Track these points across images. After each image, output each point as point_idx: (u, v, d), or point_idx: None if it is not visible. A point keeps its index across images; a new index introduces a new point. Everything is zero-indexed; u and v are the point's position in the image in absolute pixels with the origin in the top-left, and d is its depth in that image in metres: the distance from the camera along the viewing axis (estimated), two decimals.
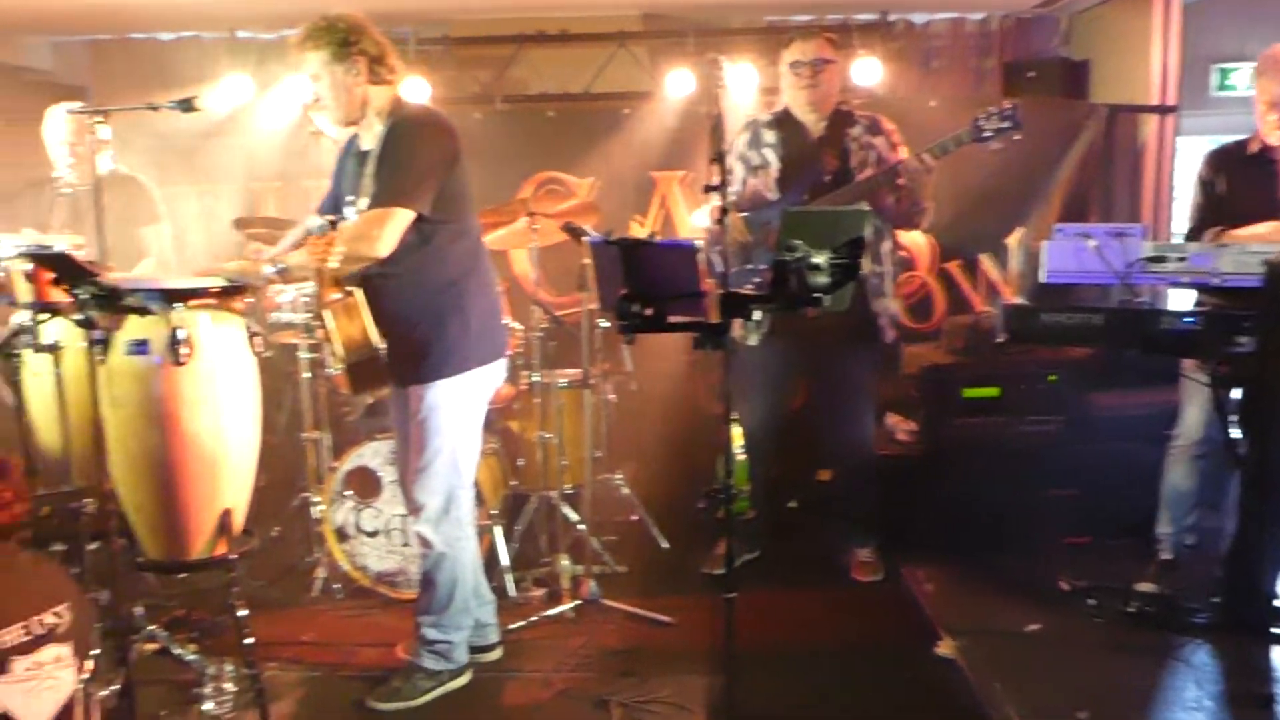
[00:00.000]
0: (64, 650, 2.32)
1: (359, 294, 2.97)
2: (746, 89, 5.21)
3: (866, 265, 3.86)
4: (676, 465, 4.91)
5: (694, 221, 5.36)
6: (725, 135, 2.28)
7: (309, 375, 4.23)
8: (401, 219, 2.94)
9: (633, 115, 5.47)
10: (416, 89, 5.22)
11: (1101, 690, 3.16)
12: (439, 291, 3.11)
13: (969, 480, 4.19)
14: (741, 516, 2.42)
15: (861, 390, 4.10)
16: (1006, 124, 3.67)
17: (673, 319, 2.26)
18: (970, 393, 4.41)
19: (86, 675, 2.50)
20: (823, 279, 2.17)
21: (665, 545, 4.53)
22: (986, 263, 5.42)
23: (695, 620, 3.73)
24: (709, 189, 2.21)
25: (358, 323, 2.96)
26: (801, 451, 4.43)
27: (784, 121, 4.01)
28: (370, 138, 3.12)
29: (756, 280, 3.73)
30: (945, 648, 3.48)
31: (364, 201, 3.06)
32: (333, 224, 2.87)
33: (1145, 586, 3.72)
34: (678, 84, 5.29)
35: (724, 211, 2.20)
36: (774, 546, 4.32)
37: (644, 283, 2.18)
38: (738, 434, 3.61)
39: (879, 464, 4.23)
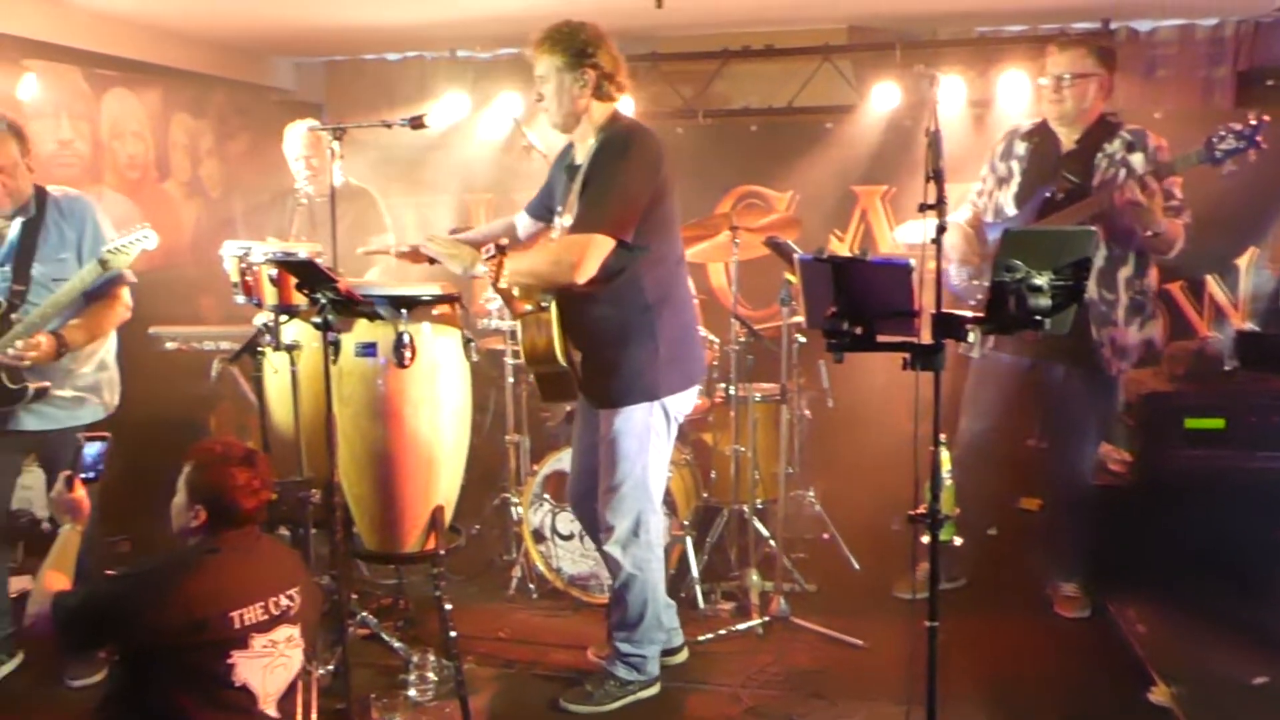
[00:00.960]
0: (295, 631, 2.49)
1: (553, 309, 3.04)
2: (955, 103, 5.06)
3: (1093, 290, 3.65)
4: (870, 485, 4.81)
5: (897, 237, 5.25)
6: (942, 151, 2.22)
7: (512, 380, 4.41)
8: (602, 247, 2.96)
9: (835, 129, 5.41)
10: (621, 104, 5.34)
11: None
12: (633, 316, 3.11)
13: (1188, 516, 3.90)
14: (948, 543, 2.33)
15: (1080, 420, 3.90)
16: (1243, 144, 3.38)
17: (882, 338, 2.22)
18: (1193, 423, 4.11)
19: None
20: (1043, 301, 2.08)
21: (857, 566, 4.45)
22: (1213, 284, 5.06)
23: (888, 645, 3.65)
24: (925, 207, 2.16)
25: (545, 337, 3.05)
26: (1007, 477, 4.26)
27: (1038, 133, 3.84)
28: (583, 150, 3.16)
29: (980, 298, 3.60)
30: (1159, 694, 3.26)
31: (568, 219, 3.11)
32: (500, 248, 2.80)
33: None
34: (883, 97, 5.20)
35: (941, 230, 2.14)
36: (973, 573, 4.19)
37: (854, 301, 2.15)
38: (946, 457, 3.52)
39: (1090, 495, 4.01)
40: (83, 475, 2.65)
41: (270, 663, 2.42)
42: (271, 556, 2.54)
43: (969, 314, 2.13)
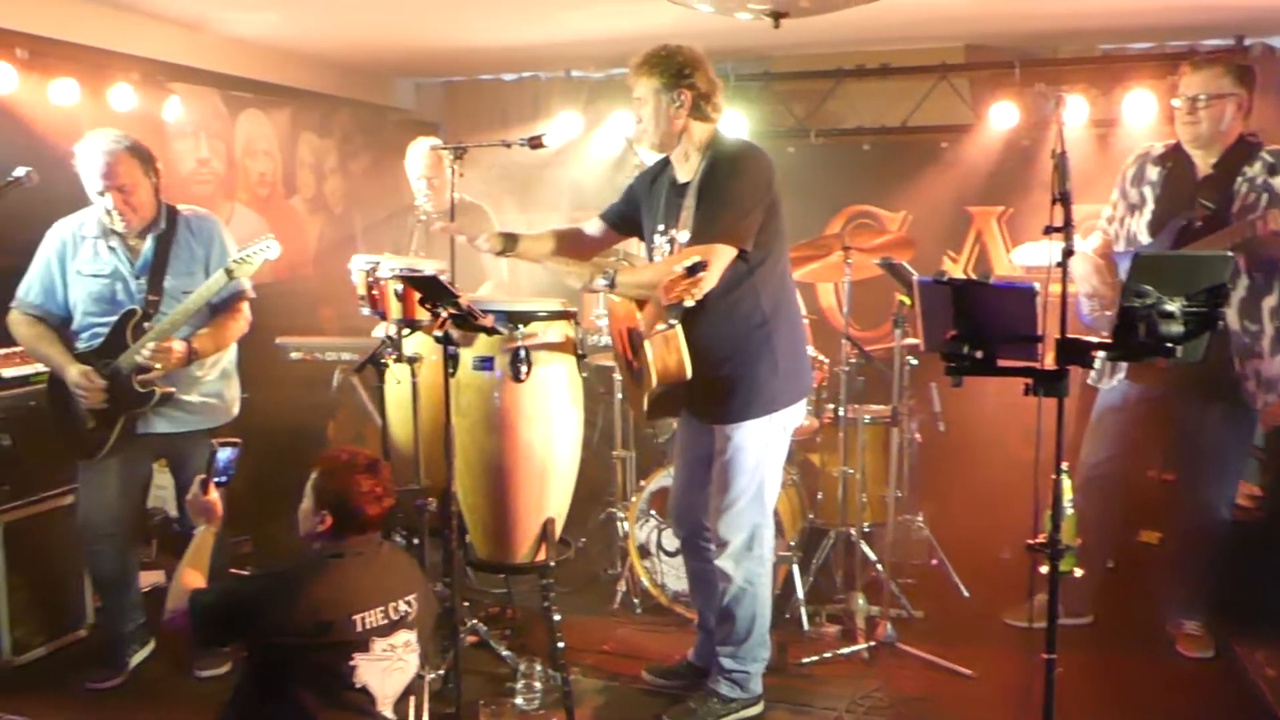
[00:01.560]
0: (412, 636, 2.56)
1: (679, 328, 3.07)
2: (1078, 123, 4.94)
3: (1236, 321, 3.50)
4: (981, 512, 4.70)
5: (1014, 260, 5.14)
6: (1069, 173, 2.18)
7: (620, 396, 4.45)
8: (725, 256, 3.00)
9: (950, 148, 5.34)
10: (734, 123, 5.37)
11: None
12: (750, 330, 3.14)
13: None
14: (1068, 575, 2.27)
15: (1218, 455, 3.72)
16: None
17: (1004, 363, 2.18)
18: None
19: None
20: (1175, 328, 2.02)
21: (966, 594, 4.35)
22: None
23: (999, 676, 3.57)
24: (1051, 230, 2.12)
25: (675, 355, 3.05)
26: (1128, 509, 4.11)
27: (1171, 157, 3.67)
28: (686, 170, 3.20)
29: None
30: None
31: (683, 234, 3.14)
32: (691, 270, 2.76)
33: None
34: (1001, 116, 5.10)
35: (1068, 253, 2.10)
36: (1098, 611, 4.06)
37: (976, 324, 2.12)
38: (1067, 486, 3.42)
39: (1220, 531, 3.84)
40: (215, 479, 2.78)
41: (389, 666, 2.49)
42: (392, 563, 2.62)
43: (1095, 340, 2.08)
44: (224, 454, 2.81)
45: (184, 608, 2.46)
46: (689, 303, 2.86)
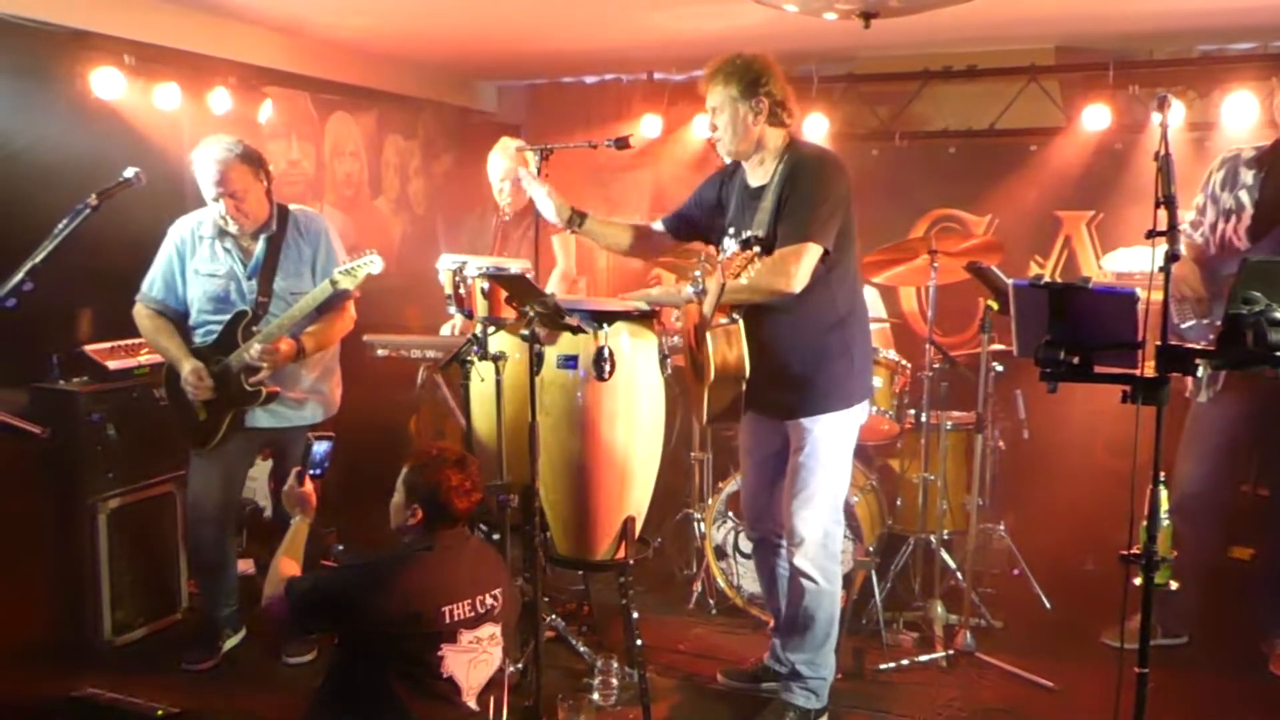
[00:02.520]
0: (496, 630, 2.61)
1: (741, 323, 3.09)
2: (1173, 126, 4.79)
3: None
4: (1065, 522, 4.61)
5: (1105, 265, 5.02)
6: (1174, 177, 2.13)
7: None
8: (813, 254, 3.03)
9: (1039, 151, 5.24)
10: (816, 125, 5.34)
11: None
12: (829, 329, 3.17)
13: None
14: (1163, 589, 2.22)
15: None
16: None
17: (1100, 369, 2.14)
18: None
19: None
20: None
21: (1048, 605, 4.27)
22: None
23: (1082, 689, 3.50)
24: (1154, 234, 2.08)
25: (736, 350, 3.07)
26: (1222, 525, 3.99)
27: (1269, 160, 3.58)
28: (761, 174, 3.22)
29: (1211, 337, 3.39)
30: None
31: (758, 233, 3.11)
32: (745, 244, 2.92)
33: None
34: (1093, 119, 4.98)
35: (1171, 258, 2.05)
36: (1196, 631, 3.94)
37: (1073, 329, 2.08)
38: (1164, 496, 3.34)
39: None
40: (311, 472, 2.86)
41: (475, 658, 2.54)
42: (479, 557, 2.67)
43: (1199, 347, 2.03)
44: (319, 447, 2.89)
45: (281, 595, 2.54)
46: (743, 279, 2.84)
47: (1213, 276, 3.59)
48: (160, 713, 3.30)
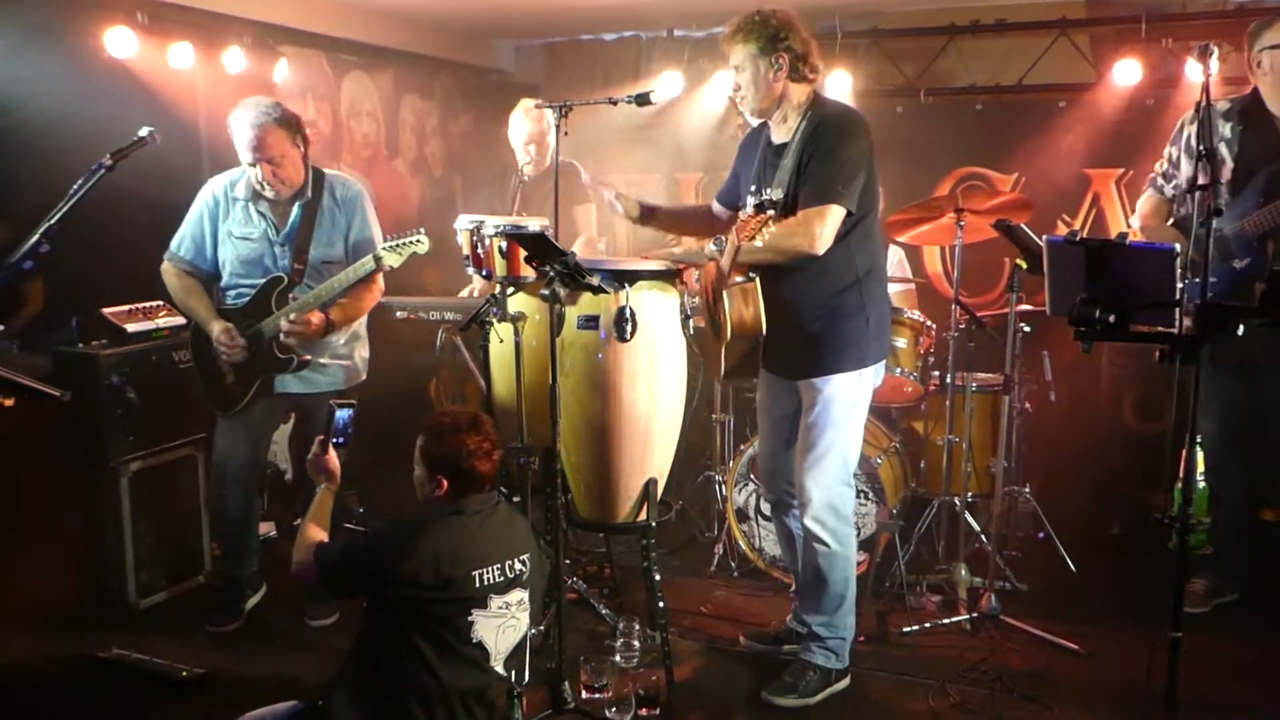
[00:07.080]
0: (525, 595, 2.60)
1: (758, 281, 3.05)
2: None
3: None
4: (1091, 485, 4.56)
5: (1134, 224, 4.91)
6: (1215, 128, 2.05)
7: None
8: (837, 216, 2.99)
9: (1068, 108, 5.13)
10: (839, 82, 5.24)
11: None
12: (846, 288, 3.13)
13: None
14: (1199, 551, 2.17)
15: None
16: None
17: (1137, 328, 2.08)
18: None
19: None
20: None
21: (1073, 568, 4.22)
22: None
23: (1109, 653, 3.47)
24: (1196, 188, 2.01)
25: (752, 309, 3.05)
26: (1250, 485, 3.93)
27: (1248, 112, 3.43)
28: (784, 131, 3.18)
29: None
30: None
31: (777, 192, 3.13)
32: (759, 207, 2.91)
33: None
34: (1125, 74, 4.86)
35: (1215, 213, 1.98)
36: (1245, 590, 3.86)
37: (1110, 287, 2.02)
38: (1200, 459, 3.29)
39: None
40: (334, 440, 2.83)
41: (503, 623, 2.53)
42: (508, 523, 2.65)
43: (1241, 305, 1.96)
44: (341, 414, 2.86)
45: (311, 561, 2.53)
46: (758, 242, 2.83)
47: (1182, 233, 3.47)
48: (185, 673, 3.32)
